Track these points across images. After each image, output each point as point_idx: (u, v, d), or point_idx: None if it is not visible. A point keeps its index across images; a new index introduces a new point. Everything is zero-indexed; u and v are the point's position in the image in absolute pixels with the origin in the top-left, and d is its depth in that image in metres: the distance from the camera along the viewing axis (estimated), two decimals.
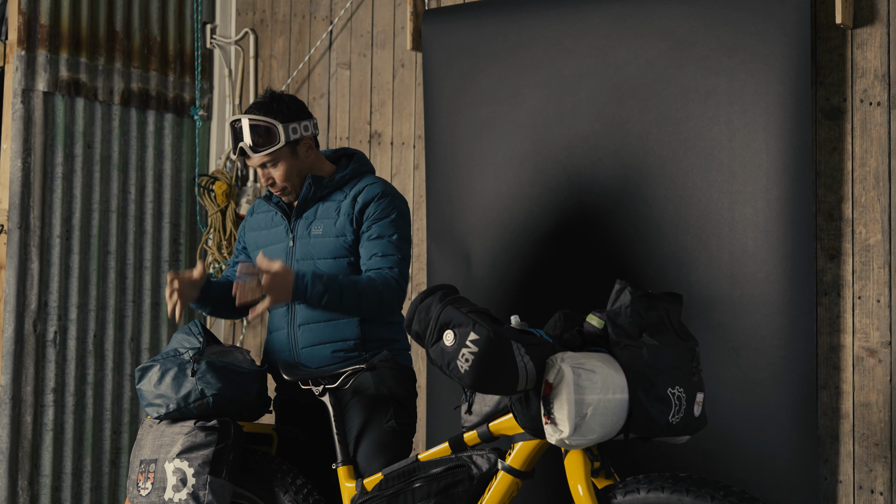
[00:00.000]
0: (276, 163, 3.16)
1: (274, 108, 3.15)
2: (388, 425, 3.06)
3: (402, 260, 3.12)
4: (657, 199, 3.43)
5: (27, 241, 4.34)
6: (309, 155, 3.22)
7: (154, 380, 3.07)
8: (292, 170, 3.18)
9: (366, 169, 3.29)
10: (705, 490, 2.43)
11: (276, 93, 3.21)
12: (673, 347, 2.58)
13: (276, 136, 3.12)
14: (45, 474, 4.36)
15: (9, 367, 4.27)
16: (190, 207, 4.87)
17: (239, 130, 3.14)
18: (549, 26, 3.69)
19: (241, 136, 3.14)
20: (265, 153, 3.13)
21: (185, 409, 3.04)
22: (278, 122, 3.12)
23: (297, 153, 3.18)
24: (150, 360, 3.20)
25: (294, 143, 3.17)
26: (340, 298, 3.00)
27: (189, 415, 3.05)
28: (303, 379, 3.05)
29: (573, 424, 2.44)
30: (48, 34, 4.40)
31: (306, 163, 3.21)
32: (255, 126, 3.12)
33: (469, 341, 2.47)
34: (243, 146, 3.13)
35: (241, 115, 3.16)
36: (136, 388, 3.14)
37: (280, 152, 3.15)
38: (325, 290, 2.99)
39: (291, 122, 3.15)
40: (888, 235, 3.19)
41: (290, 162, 3.17)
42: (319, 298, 2.99)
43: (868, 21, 3.24)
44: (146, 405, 3.11)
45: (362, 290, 3.02)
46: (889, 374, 3.17)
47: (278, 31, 4.84)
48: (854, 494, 3.22)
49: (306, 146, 3.20)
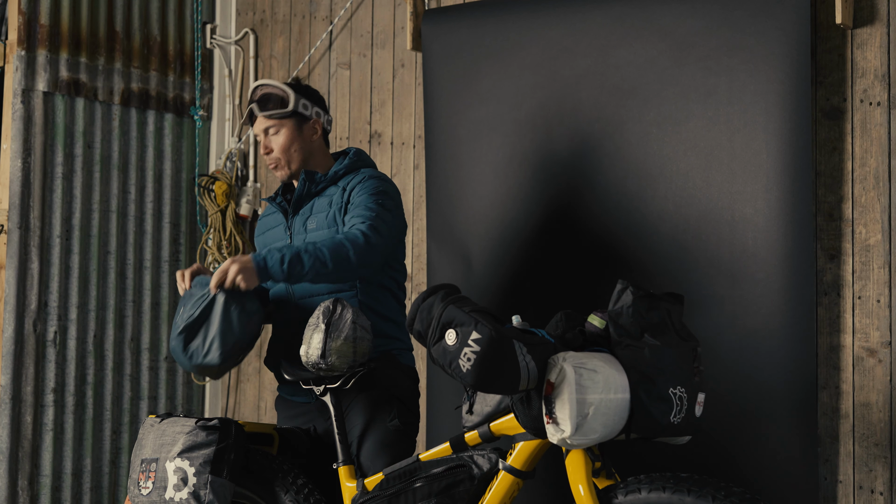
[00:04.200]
0: (279, 130, 3.20)
1: (293, 84, 3.26)
2: (391, 424, 3.06)
3: (378, 218, 3.06)
4: (657, 199, 3.44)
5: (27, 241, 4.34)
6: (314, 140, 3.26)
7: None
8: (292, 144, 3.21)
9: (362, 164, 3.30)
10: (706, 490, 2.44)
11: (300, 81, 3.27)
12: (674, 347, 2.58)
13: (287, 103, 3.18)
14: (45, 474, 4.36)
15: (9, 367, 4.27)
16: (190, 207, 4.87)
17: (254, 94, 3.22)
18: (549, 26, 3.69)
19: (253, 99, 3.21)
20: (270, 115, 3.18)
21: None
22: (292, 92, 3.20)
23: (303, 131, 3.23)
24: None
25: (302, 118, 3.22)
26: (301, 258, 2.94)
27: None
28: (304, 378, 3.06)
29: (575, 424, 2.44)
30: (48, 34, 4.40)
31: (309, 145, 3.24)
32: (269, 93, 3.20)
33: (471, 340, 2.47)
34: (252, 107, 3.20)
35: (261, 81, 3.24)
36: (172, 349, 3.10)
37: (285, 121, 3.20)
38: (281, 256, 2.94)
39: (305, 99, 3.22)
40: (888, 235, 3.20)
41: (293, 135, 3.21)
42: (280, 265, 2.94)
43: (868, 21, 3.24)
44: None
45: (325, 245, 2.96)
46: (889, 374, 3.18)
47: (278, 31, 4.84)
48: (854, 494, 3.22)
49: (313, 130, 3.25)
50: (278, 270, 2.95)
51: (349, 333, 2.91)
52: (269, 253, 2.97)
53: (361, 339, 2.94)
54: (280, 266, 2.94)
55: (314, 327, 2.93)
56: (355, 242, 2.98)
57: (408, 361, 3.22)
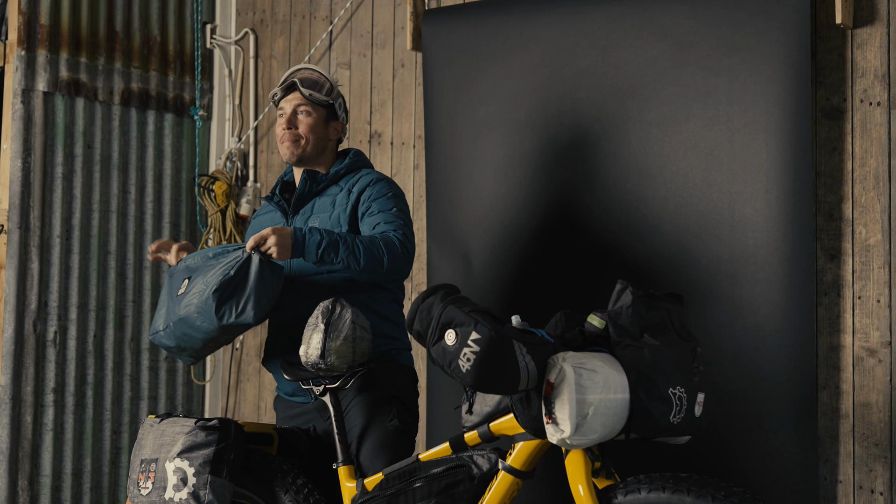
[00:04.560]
0: (310, 114, 3.25)
1: (334, 82, 3.33)
2: (391, 424, 3.06)
3: (406, 226, 3.13)
4: (657, 199, 3.44)
5: (27, 241, 4.34)
6: (332, 138, 3.32)
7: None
8: (316, 131, 3.26)
9: (362, 164, 3.33)
10: (706, 490, 2.43)
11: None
12: (674, 347, 2.58)
13: (328, 92, 3.26)
14: (45, 474, 4.36)
15: (9, 367, 4.27)
16: (190, 207, 4.87)
17: (298, 72, 3.27)
18: (549, 26, 3.69)
19: (295, 77, 3.26)
20: (311, 96, 3.23)
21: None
22: (332, 88, 3.28)
23: (328, 126, 3.29)
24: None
25: (333, 113, 3.29)
26: (338, 247, 2.99)
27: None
28: (304, 378, 3.06)
29: (574, 424, 2.44)
30: (48, 34, 4.40)
31: (326, 141, 3.29)
32: (315, 79, 3.26)
33: (471, 341, 2.47)
34: (296, 81, 3.24)
35: (308, 65, 3.31)
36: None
37: (319, 109, 3.26)
38: (320, 239, 2.99)
39: (340, 100, 3.32)
40: (888, 235, 3.20)
41: (319, 124, 3.27)
42: (317, 248, 2.98)
43: (868, 21, 3.24)
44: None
45: (362, 242, 3.01)
46: (889, 374, 3.18)
47: (278, 31, 4.84)
48: (854, 494, 3.22)
49: (336, 130, 3.32)
50: (313, 252, 2.99)
51: (349, 333, 2.91)
52: (310, 231, 3.01)
53: (361, 339, 2.94)
54: (316, 249, 2.98)
55: (313, 327, 2.93)
56: (392, 249, 3.02)
57: (407, 361, 3.22)
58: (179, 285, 3.14)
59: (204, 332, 3.05)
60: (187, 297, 3.06)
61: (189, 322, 3.05)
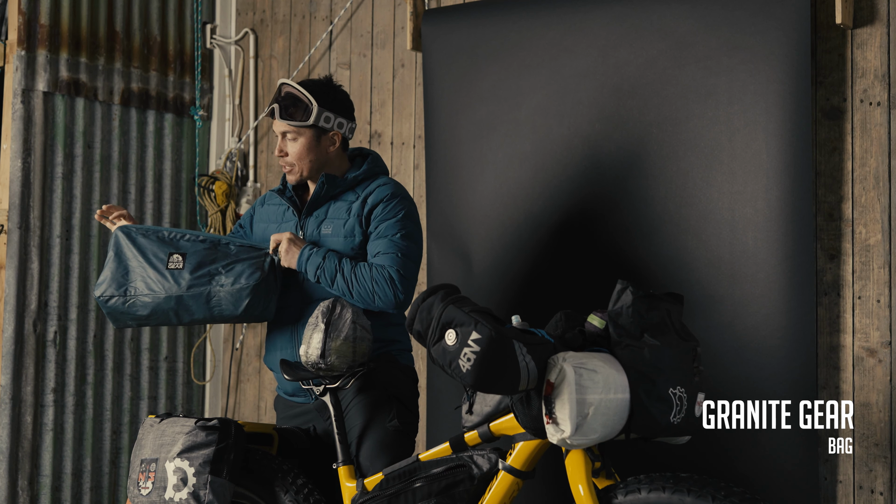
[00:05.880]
0: (297, 138, 3.19)
1: (320, 90, 3.19)
2: (391, 425, 3.06)
3: (405, 258, 3.10)
4: (657, 199, 3.44)
5: (27, 241, 4.34)
6: (331, 151, 3.22)
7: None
8: (308, 154, 3.20)
9: (379, 170, 3.28)
10: (706, 490, 2.43)
11: (332, 82, 3.24)
12: (674, 347, 2.58)
13: (308, 114, 3.15)
14: (45, 474, 4.36)
15: (9, 367, 4.27)
16: (190, 207, 4.87)
17: (278, 92, 3.20)
18: (549, 26, 3.69)
19: (277, 98, 3.19)
20: (289, 123, 3.17)
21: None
22: (316, 103, 3.15)
23: (321, 142, 3.20)
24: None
25: (322, 130, 3.19)
26: (332, 281, 3.08)
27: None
28: (304, 378, 3.06)
29: (574, 424, 2.44)
30: (48, 34, 4.40)
31: (325, 156, 3.22)
32: (293, 95, 3.16)
33: (471, 341, 2.47)
34: (275, 107, 3.18)
35: (289, 81, 3.21)
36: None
37: (304, 131, 3.18)
38: (318, 266, 3.09)
39: (328, 111, 3.18)
40: (888, 235, 3.20)
41: (310, 146, 3.19)
42: (314, 272, 3.09)
43: (868, 21, 3.24)
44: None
45: (358, 280, 3.07)
46: (889, 374, 3.18)
47: (278, 31, 4.85)
48: (854, 494, 3.22)
49: (332, 141, 3.21)
50: (311, 275, 3.11)
51: (349, 333, 2.92)
52: (313, 255, 3.10)
53: (361, 339, 2.94)
54: (314, 272, 3.10)
55: (314, 327, 2.94)
56: (384, 294, 3.06)
57: (407, 361, 3.22)
58: (165, 259, 3.19)
59: (209, 316, 3.17)
60: (202, 279, 3.14)
61: (200, 302, 3.14)
